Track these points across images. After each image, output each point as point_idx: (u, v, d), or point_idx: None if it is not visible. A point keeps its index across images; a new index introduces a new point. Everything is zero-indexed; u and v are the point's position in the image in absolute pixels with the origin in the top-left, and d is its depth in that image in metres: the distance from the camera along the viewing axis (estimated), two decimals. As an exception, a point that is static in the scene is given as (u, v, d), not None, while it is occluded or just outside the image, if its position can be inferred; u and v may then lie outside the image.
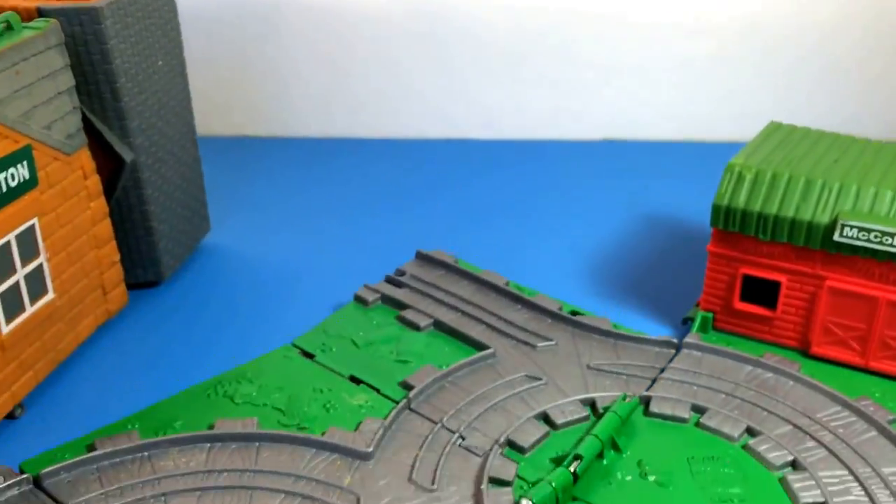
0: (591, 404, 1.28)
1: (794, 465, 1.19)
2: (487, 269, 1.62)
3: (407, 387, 1.29)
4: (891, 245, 1.32)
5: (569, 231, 1.89)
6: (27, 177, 1.21)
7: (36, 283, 1.23)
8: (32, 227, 1.22)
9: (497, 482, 1.12)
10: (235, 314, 1.53)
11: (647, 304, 1.61)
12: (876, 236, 1.33)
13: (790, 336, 1.45)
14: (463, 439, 1.20)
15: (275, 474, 1.11)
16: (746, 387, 1.33)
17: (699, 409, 1.29)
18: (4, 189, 1.17)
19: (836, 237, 1.35)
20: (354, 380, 1.32)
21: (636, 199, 2.01)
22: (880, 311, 1.36)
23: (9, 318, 1.17)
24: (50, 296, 1.26)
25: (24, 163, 1.20)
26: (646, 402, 1.30)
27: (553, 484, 1.09)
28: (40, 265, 1.23)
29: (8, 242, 1.18)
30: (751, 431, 1.25)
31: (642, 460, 1.20)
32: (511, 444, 1.20)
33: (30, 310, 1.21)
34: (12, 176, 1.18)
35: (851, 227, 1.33)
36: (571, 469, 1.12)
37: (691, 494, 1.12)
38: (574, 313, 1.51)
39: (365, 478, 1.12)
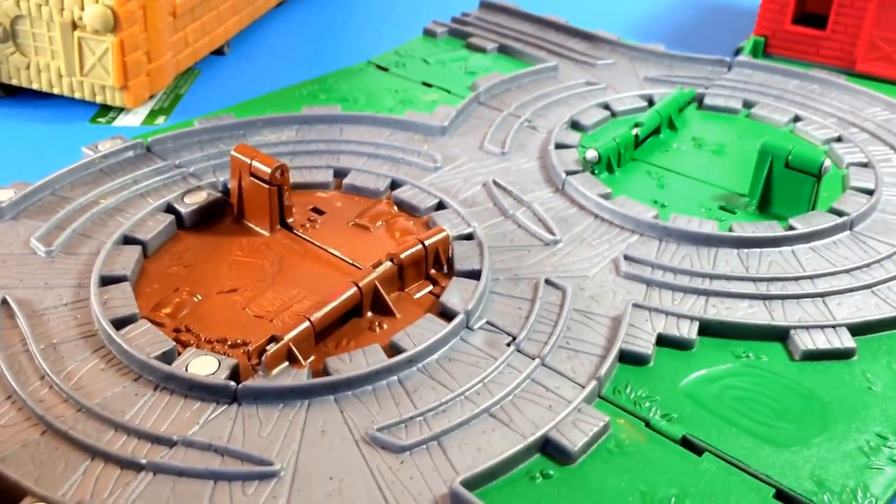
0: (649, 100, 1.31)
1: (839, 140, 1.21)
2: (549, 14, 1.63)
3: (475, 88, 1.32)
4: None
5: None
6: None
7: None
8: None
9: (562, 146, 1.16)
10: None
11: (701, 43, 1.62)
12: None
13: (837, 56, 1.45)
14: (529, 122, 1.24)
15: (358, 143, 1.17)
16: (795, 92, 1.34)
17: (749, 105, 1.31)
18: None
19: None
20: (426, 85, 1.36)
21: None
22: (928, 19, 1.35)
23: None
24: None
25: None
26: (699, 98, 1.32)
27: (617, 140, 1.12)
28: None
29: None
30: (797, 119, 1.27)
31: (696, 136, 1.22)
32: (574, 125, 1.24)
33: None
34: None
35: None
36: (633, 132, 1.15)
37: (745, 156, 1.15)
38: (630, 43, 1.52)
39: (441, 146, 1.17)
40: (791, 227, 0.99)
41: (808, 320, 0.85)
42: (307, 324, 0.82)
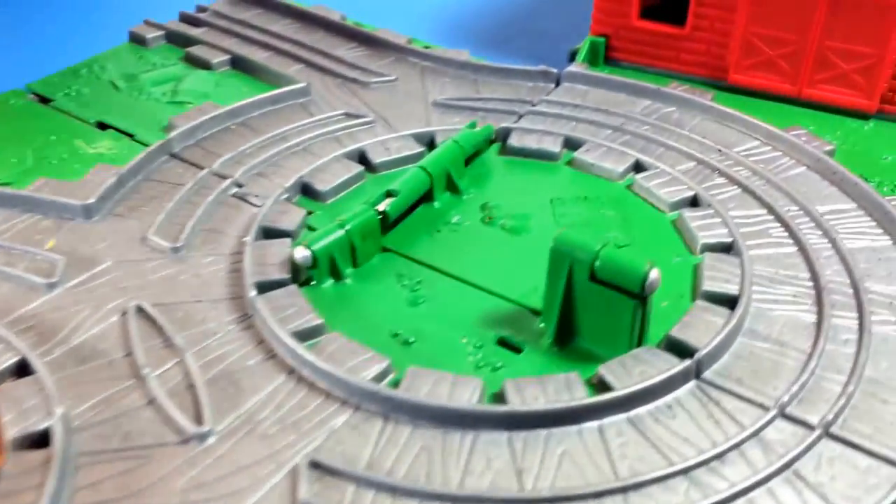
0: (430, 141, 0.96)
1: (695, 203, 0.89)
2: (321, 5, 1.26)
3: (170, 130, 0.95)
4: None
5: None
6: None
7: None
8: None
9: (272, 233, 0.80)
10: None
11: (529, 46, 1.28)
12: None
13: (703, 62, 1.12)
14: (240, 186, 0.87)
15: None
16: (643, 121, 1.02)
17: (574, 144, 0.97)
18: None
19: None
20: (102, 127, 0.98)
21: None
22: (820, 13, 1.04)
23: None
24: None
25: None
26: (504, 136, 0.98)
27: (347, 227, 0.77)
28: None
29: None
30: (640, 168, 0.94)
31: (489, 203, 0.88)
32: (306, 190, 0.88)
33: None
34: None
35: None
36: (380, 208, 0.80)
37: (549, 243, 0.80)
38: (429, 49, 1.16)
39: (77, 242, 0.79)
40: (600, 384, 0.65)
41: None
42: None
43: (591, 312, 0.68)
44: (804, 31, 1.04)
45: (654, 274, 0.65)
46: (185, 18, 1.21)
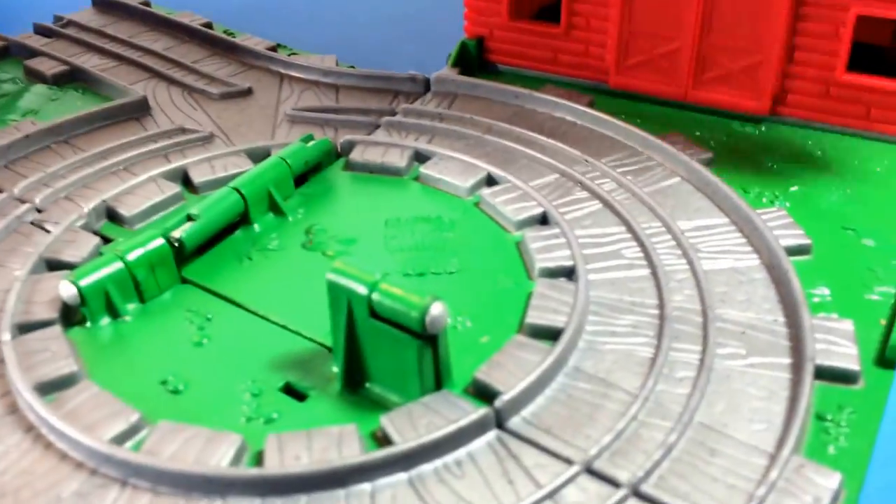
0: (265, 155, 0.87)
1: (545, 221, 0.80)
2: (188, 11, 1.17)
3: (-18, 149, 0.86)
4: None
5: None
6: None
7: None
8: None
9: (57, 265, 0.71)
10: None
11: (415, 51, 1.19)
12: None
13: (583, 64, 1.03)
14: (39, 212, 0.78)
15: None
16: (508, 130, 0.93)
17: (424, 157, 0.88)
18: None
19: None
20: (-89, 147, 0.89)
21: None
22: (697, 5, 0.94)
23: None
24: None
25: None
26: (347, 149, 0.89)
27: (127, 258, 0.68)
28: None
29: None
30: (493, 182, 0.85)
31: (315, 226, 0.79)
32: (111, 214, 0.79)
33: None
34: None
35: None
36: (176, 235, 0.71)
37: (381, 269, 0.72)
38: (293, 56, 1.08)
39: None
40: (384, 437, 0.57)
41: None
42: None
43: (378, 353, 0.59)
44: (682, 27, 0.96)
45: (437, 310, 0.56)
46: (39, 30, 1.12)
